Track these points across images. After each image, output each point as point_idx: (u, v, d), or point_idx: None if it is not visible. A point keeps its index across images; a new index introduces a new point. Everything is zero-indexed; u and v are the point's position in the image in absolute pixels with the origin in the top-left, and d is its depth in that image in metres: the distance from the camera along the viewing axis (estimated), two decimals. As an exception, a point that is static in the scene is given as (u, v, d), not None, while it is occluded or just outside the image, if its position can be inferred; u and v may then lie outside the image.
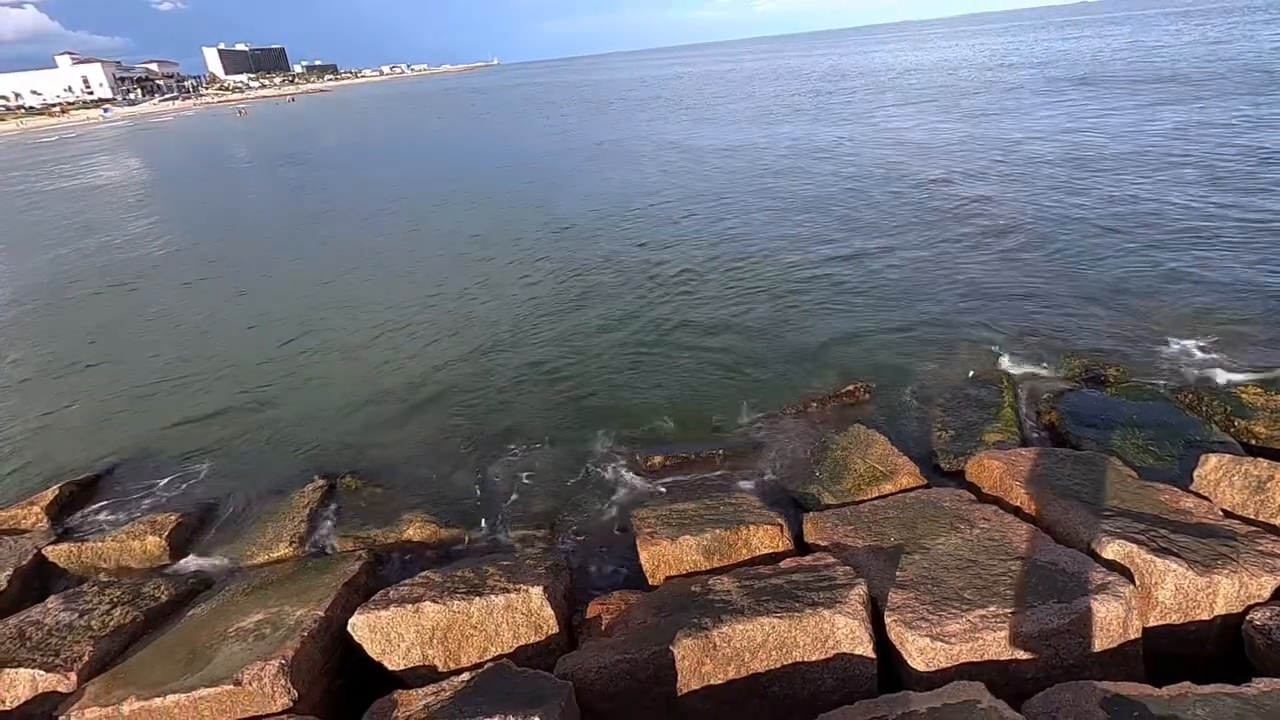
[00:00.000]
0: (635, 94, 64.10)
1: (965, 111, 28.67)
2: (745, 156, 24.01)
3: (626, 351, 9.60)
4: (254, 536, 6.35)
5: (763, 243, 13.96)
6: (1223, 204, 12.94)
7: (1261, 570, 3.92)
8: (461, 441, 7.78)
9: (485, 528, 6.38)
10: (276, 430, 8.51)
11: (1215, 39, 47.43)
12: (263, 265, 16.70)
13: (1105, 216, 13.02)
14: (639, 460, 7.00)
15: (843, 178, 19.00)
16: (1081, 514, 4.61)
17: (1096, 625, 3.71)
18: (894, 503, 5.31)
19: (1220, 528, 4.38)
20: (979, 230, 13.16)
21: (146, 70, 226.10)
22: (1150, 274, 10.20)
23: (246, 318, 12.79)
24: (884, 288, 10.87)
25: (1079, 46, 57.76)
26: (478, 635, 4.48)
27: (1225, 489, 4.83)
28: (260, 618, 4.81)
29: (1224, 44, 43.19)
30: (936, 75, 47.64)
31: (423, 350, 10.44)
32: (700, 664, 3.78)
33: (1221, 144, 17.46)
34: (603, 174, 23.84)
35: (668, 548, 5.01)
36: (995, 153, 19.82)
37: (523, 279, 13.32)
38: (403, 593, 4.72)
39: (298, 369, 10.27)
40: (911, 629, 3.74)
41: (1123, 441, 6.19)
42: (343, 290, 13.80)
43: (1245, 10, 79.32)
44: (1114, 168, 16.52)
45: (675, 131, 33.20)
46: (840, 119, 30.78)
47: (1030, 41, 76.05)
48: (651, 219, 16.87)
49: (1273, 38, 42.71)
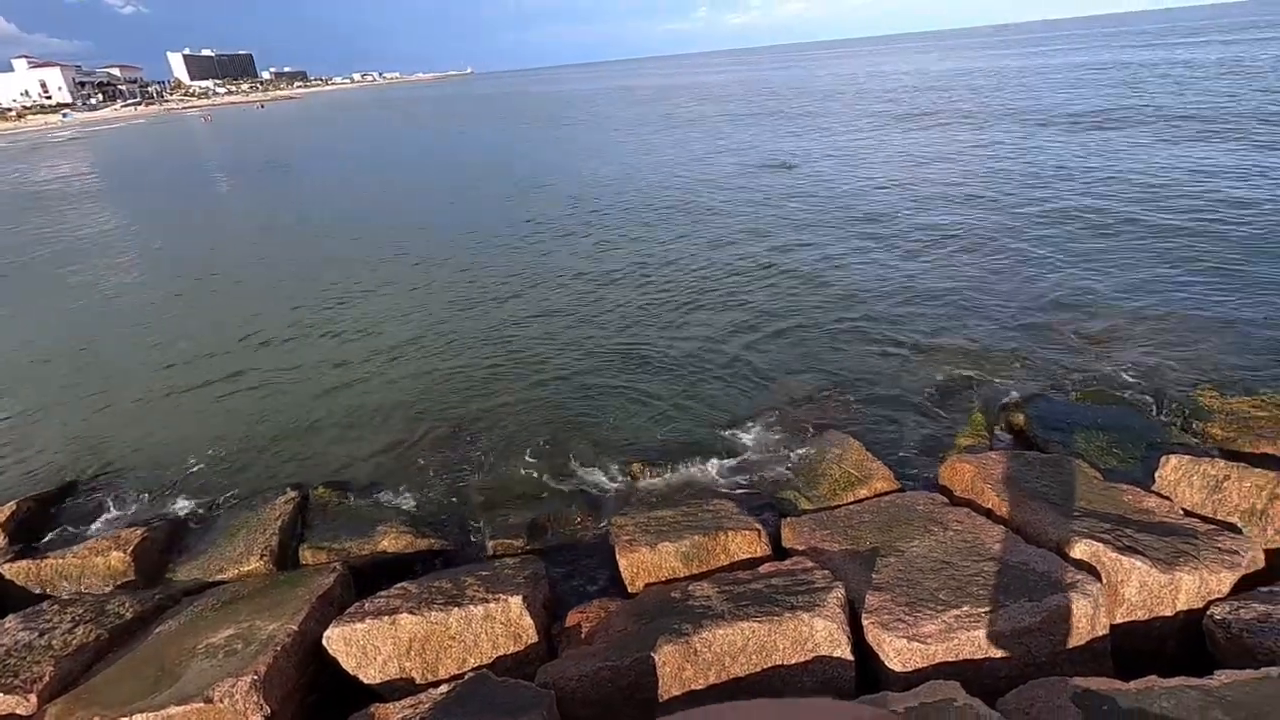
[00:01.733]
0: (596, 105, 64.40)
1: (918, 126, 29.35)
2: (697, 170, 24.27)
3: (603, 362, 9.61)
4: (224, 551, 6.19)
5: (733, 253, 14.10)
6: (1175, 219, 13.42)
7: (1220, 566, 4.07)
8: (438, 451, 7.70)
9: (463, 537, 6.31)
10: (246, 442, 8.34)
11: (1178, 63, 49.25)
12: (228, 275, 16.36)
13: (1067, 229, 13.42)
14: (617, 468, 7.00)
15: (804, 191, 19.30)
16: (1050, 515, 4.73)
17: (1066, 623, 3.81)
18: (869, 507, 5.39)
19: (1181, 526, 4.53)
20: (943, 243, 13.43)
21: (108, 75, 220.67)
22: (1110, 284, 10.53)
23: (211, 328, 12.51)
24: (854, 298, 11.02)
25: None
26: (456, 646, 4.43)
27: (1185, 489, 5.00)
28: (231, 633, 4.70)
29: (1155, 68, 44.91)
30: (880, 86, 48.72)
31: (396, 360, 10.32)
32: (681, 669, 3.79)
33: (1167, 164, 18.12)
34: (568, 182, 23.90)
35: (647, 555, 5.02)
36: (955, 168, 20.31)
37: (496, 289, 13.26)
38: (379, 604, 4.66)
39: (268, 380, 10.08)
40: (888, 630, 3.80)
41: (1088, 444, 6.37)
42: (310, 299, 13.59)
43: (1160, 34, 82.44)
44: (1070, 184, 17.03)
45: (638, 140, 33.44)
46: (799, 132, 31.28)
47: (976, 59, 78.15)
48: (622, 228, 16.94)
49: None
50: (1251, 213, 13.08)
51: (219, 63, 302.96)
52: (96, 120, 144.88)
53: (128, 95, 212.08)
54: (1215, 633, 3.83)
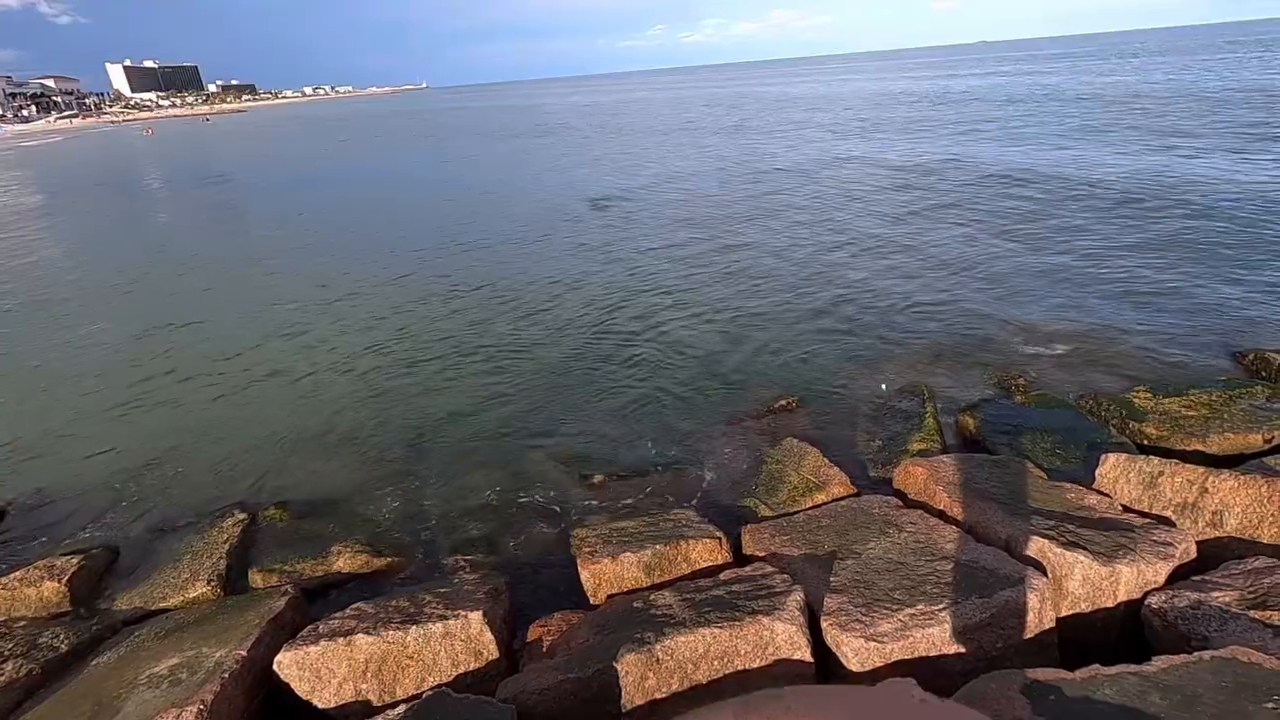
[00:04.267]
0: (556, 116, 64.68)
1: (860, 138, 30.29)
2: (632, 176, 24.59)
3: (560, 372, 9.58)
4: (167, 577, 5.94)
5: (686, 263, 14.28)
6: (1112, 228, 14.12)
7: (1156, 558, 4.26)
8: (393, 466, 7.55)
9: (421, 554, 6.19)
10: (191, 462, 8.03)
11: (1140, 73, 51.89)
12: (163, 289, 15.78)
13: (1007, 240, 13.98)
14: (577, 479, 6.97)
15: (754, 197, 19.70)
16: (999, 514, 4.89)
17: (1015, 617, 3.93)
18: (827, 511, 5.48)
19: (1120, 521, 4.73)
20: (889, 255, 13.84)
21: (42, 86, 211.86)
22: (1051, 292, 11.00)
23: (149, 344, 12.04)
24: (807, 311, 11.23)
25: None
26: (414, 665, 4.33)
27: (1123, 485, 5.23)
28: (175, 662, 4.50)
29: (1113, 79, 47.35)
30: (824, 104, 50.22)
31: (347, 374, 10.10)
32: (644, 678, 3.78)
33: (1126, 174, 19.08)
34: (510, 199, 23.91)
35: (608, 566, 5.00)
36: (894, 177, 21.00)
37: (448, 299, 13.13)
38: (333, 626, 4.52)
39: (212, 397, 9.74)
40: (846, 631, 3.86)
41: (1033, 445, 6.61)
42: (252, 314, 13.21)
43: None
44: (1013, 190, 17.78)
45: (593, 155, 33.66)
46: (778, 138, 31.93)
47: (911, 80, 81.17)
48: (575, 239, 17.00)
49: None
50: (1183, 223, 13.85)
51: (162, 75, 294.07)
52: (29, 133, 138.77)
53: (63, 107, 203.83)
54: (1152, 621, 4.00)
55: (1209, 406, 6.85)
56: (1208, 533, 4.72)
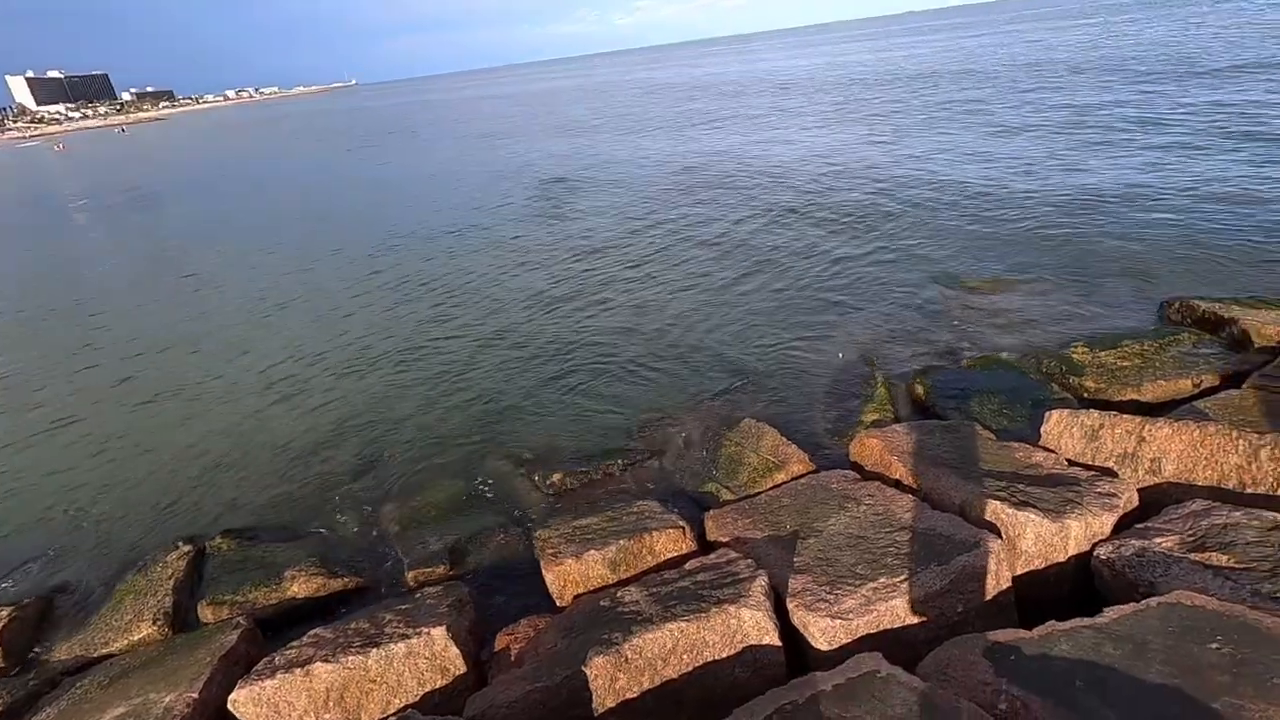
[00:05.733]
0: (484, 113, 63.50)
1: (794, 124, 30.61)
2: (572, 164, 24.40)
3: (510, 373, 9.40)
4: (110, 620, 5.63)
5: (627, 254, 14.19)
6: (1036, 194, 14.57)
7: (1102, 510, 4.40)
8: (345, 483, 7.30)
9: (381, 571, 6.01)
10: (128, 495, 7.62)
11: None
12: (88, 309, 14.95)
13: (935, 211, 14.29)
14: (537, 480, 6.87)
15: (696, 186, 19.71)
16: (952, 479, 4.98)
17: (973, 581, 4.02)
18: (787, 490, 5.51)
19: (1066, 476, 4.87)
20: (831, 234, 14.00)
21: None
22: (984, 258, 11.29)
23: (74, 368, 11.39)
24: (754, 293, 11.25)
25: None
26: (379, 689, 4.19)
27: (1067, 440, 5.38)
28: (121, 711, 4.27)
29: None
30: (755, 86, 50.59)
31: (288, 389, 9.71)
32: (614, 680, 3.73)
33: (1063, 125, 19.66)
34: (452, 194, 23.43)
35: (573, 566, 4.93)
36: (822, 162, 21.28)
37: (388, 306, 12.76)
38: (289, 656, 4.34)
39: (147, 423, 9.26)
40: (812, 611, 3.88)
41: (981, 408, 6.78)
42: (181, 329, 12.63)
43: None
44: (923, 170, 18.19)
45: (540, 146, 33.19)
46: (703, 128, 31.92)
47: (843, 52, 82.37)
48: (524, 234, 16.74)
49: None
50: (1110, 188, 14.37)
51: (70, 85, 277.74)
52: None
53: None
54: (1102, 571, 4.14)
55: (1142, 356, 7.13)
56: (1148, 480, 4.90)
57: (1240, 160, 14.31)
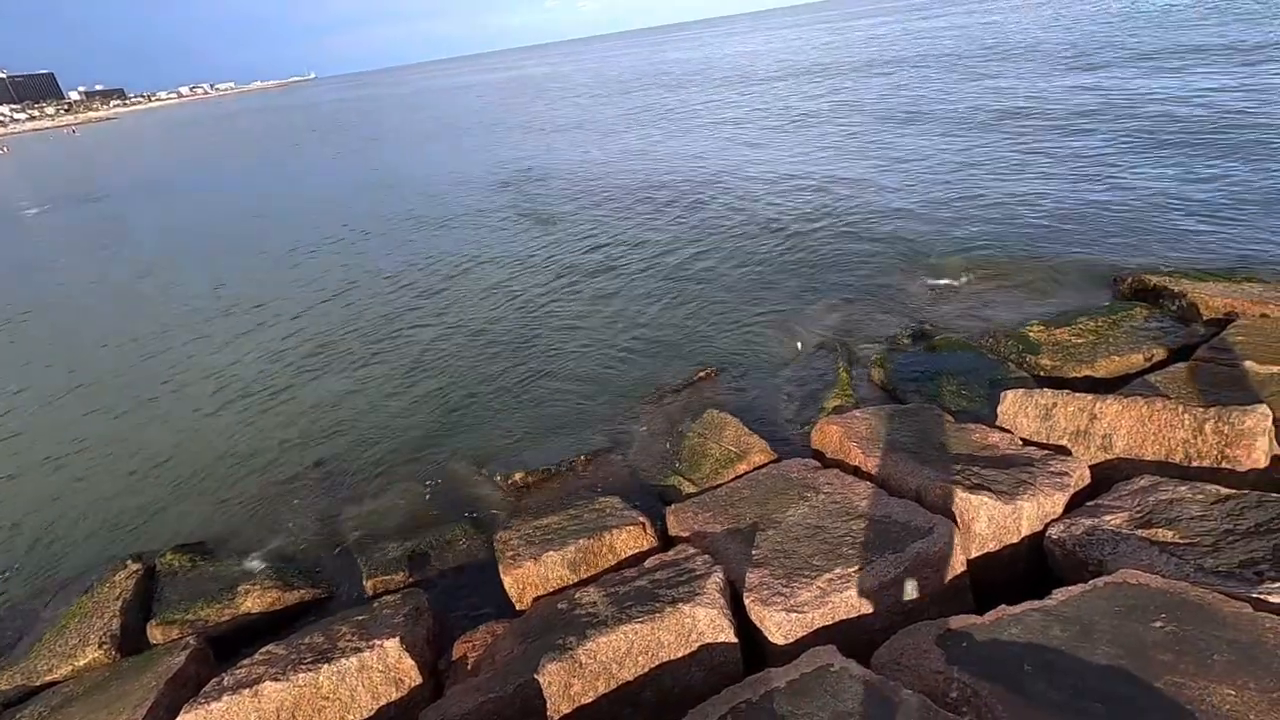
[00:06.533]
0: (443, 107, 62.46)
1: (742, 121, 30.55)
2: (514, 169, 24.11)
3: (467, 372, 9.24)
4: (52, 646, 5.41)
5: (580, 247, 14.04)
6: (987, 172, 14.70)
7: (1054, 489, 4.43)
8: (301, 492, 7.11)
9: (338, 581, 5.88)
10: (75, 511, 7.36)
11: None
12: (32, 317, 14.42)
13: (898, 191, 14.35)
14: (499, 480, 6.75)
15: (647, 186, 19.58)
16: (909, 464, 4.98)
17: (928, 567, 4.01)
18: (748, 481, 5.46)
19: (1020, 456, 4.89)
20: (781, 216, 13.97)
21: None
22: (938, 240, 11.34)
23: (19, 379, 10.97)
24: (713, 284, 11.17)
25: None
26: (331, 706, 4.08)
27: (1021, 419, 5.42)
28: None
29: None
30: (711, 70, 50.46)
31: (237, 397, 9.45)
32: (568, 686, 3.66)
33: (1012, 109, 19.82)
34: (401, 188, 23.02)
35: (532, 568, 4.84)
36: (779, 151, 21.27)
37: (341, 308, 12.47)
38: (239, 677, 4.20)
39: (94, 433, 8.93)
40: (768, 605, 3.84)
41: (940, 389, 6.81)
42: (126, 340, 12.22)
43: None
44: (874, 156, 18.27)
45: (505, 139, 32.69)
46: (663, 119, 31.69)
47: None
48: (479, 231, 16.48)
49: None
50: (1062, 169, 14.54)
51: (12, 85, 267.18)
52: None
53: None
54: (1054, 551, 4.17)
55: (1095, 332, 7.21)
56: (1099, 456, 4.95)
57: (1192, 141, 14.57)
